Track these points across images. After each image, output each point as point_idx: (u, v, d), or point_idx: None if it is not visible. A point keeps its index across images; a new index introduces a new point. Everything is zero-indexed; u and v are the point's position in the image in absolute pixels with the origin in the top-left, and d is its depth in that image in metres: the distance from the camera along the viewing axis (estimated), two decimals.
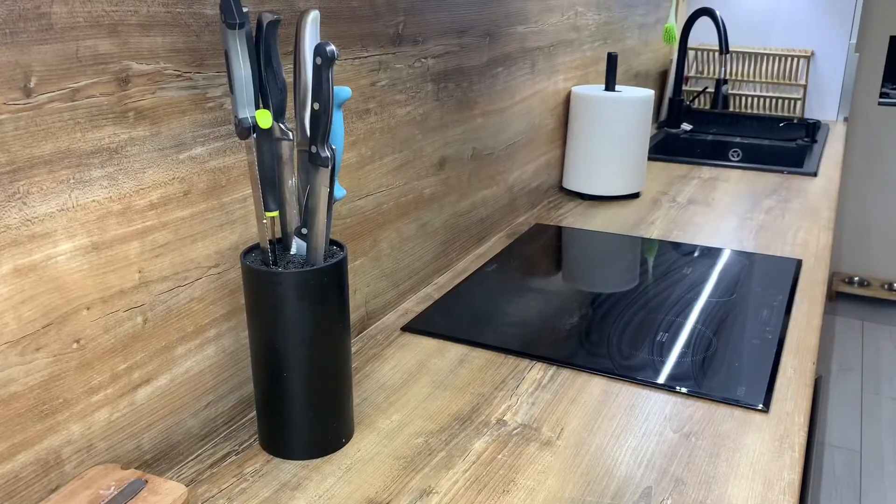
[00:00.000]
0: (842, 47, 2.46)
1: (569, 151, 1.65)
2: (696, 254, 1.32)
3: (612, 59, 1.61)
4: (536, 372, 0.93)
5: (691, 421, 0.83)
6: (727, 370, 0.93)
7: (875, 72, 3.10)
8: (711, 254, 1.32)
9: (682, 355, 0.96)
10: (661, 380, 0.90)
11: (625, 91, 1.62)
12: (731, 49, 2.49)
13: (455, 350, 0.98)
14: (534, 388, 0.89)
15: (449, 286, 1.18)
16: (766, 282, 1.20)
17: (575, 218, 1.54)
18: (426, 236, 1.16)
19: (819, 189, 1.75)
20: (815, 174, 1.85)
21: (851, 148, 3.22)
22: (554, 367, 0.94)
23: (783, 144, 2.16)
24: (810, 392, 0.90)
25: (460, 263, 1.28)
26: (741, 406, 0.85)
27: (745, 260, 1.29)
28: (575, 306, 1.11)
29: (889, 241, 3.25)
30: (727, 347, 0.99)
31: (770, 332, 1.03)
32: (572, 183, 1.66)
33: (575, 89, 1.62)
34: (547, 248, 1.35)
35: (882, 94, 3.14)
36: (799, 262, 1.29)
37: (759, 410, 0.85)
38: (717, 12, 2.14)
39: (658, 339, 1.01)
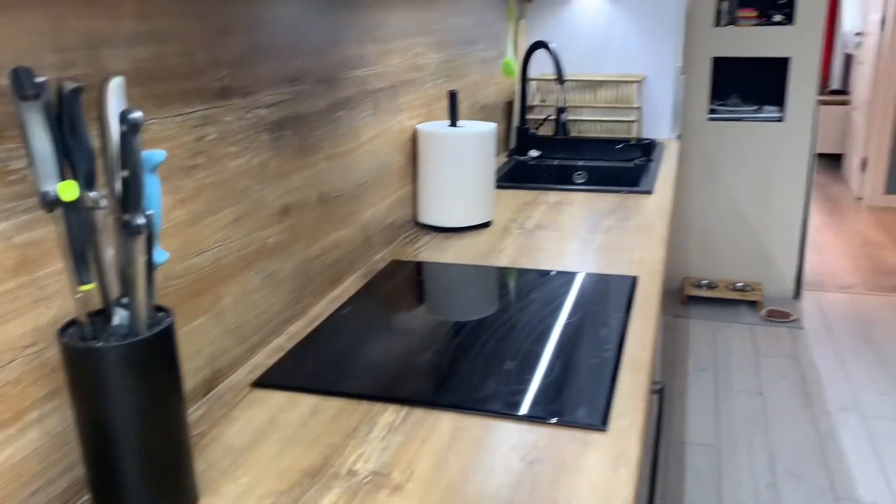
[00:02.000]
0: (670, 71, 2.66)
1: (420, 186, 1.69)
2: (542, 279, 1.38)
3: (453, 97, 1.67)
4: (389, 415, 0.94)
5: (536, 448, 0.86)
6: (569, 393, 0.97)
7: (702, 91, 3.37)
8: (556, 277, 1.39)
9: (528, 382, 1.00)
10: (508, 409, 0.93)
11: (468, 126, 1.68)
12: (569, 78, 2.63)
13: (307, 402, 0.97)
14: (385, 432, 0.90)
15: (302, 334, 1.17)
16: (605, 301, 1.27)
17: (430, 251, 1.57)
18: (274, 286, 1.15)
19: (654, 206, 1.87)
20: (650, 192, 1.98)
21: (689, 162, 3.48)
22: (406, 408, 0.95)
23: (622, 165, 2.30)
24: (645, 406, 0.96)
25: (314, 309, 1.27)
26: (581, 428, 0.90)
27: (587, 281, 1.37)
28: (429, 342, 1.13)
29: (730, 244, 3.52)
30: (569, 370, 1.03)
31: (608, 350, 1.09)
32: (426, 217, 1.69)
33: (420, 127, 1.66)
34: (403, 284, 1.37)
35: (710, 111, 3.41)
36: (635, 279, 1.37)
37: (598, 430, 0.89)
38: (552, 45, 2.26)
39: (506, 367, 1.04)
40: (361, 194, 1.43)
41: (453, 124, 1.69)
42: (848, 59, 6.67)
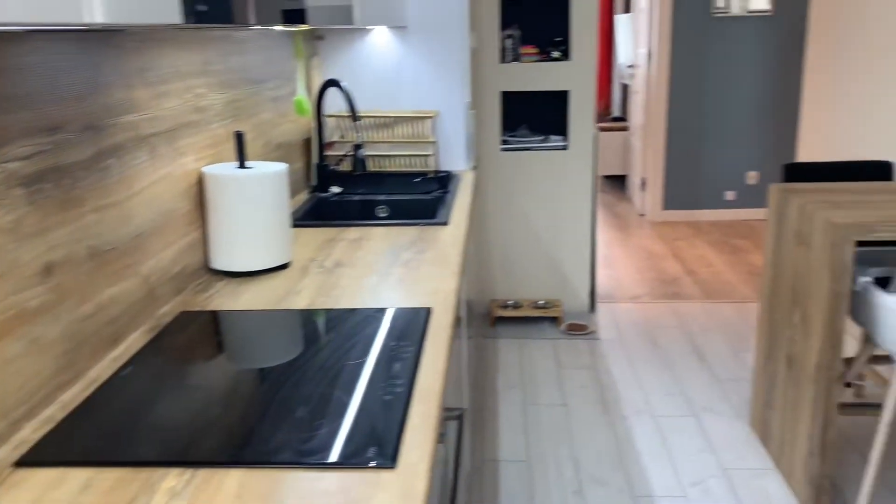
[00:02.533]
0: (460, 106, 2.79)
1: (210, 231, 1.63)
2: (339, 318, 1.38)
3: (239, 137, 1.63)
4: (171, 480, 0.89)
5: (326, 495, 0.85)
6: (360, 434, 0.98)
7: (494, 123, 3.56)
8: (353, 315, 1.39)
9: (319, 427, 0.99)
10: (297, 458, 0.92)
11: (258, 166, 1.65)
12: (365, 114, 2.68)
13: (78, 477, 0.90)
14: (167, 499, 0.85)
15: (77, 401, 1.08)
16: (400, 335, 1.29)
17: (224, 298, 1.51)
18: (40, 352, 1.05)
19: (450, 236, 1.94)
20: (446, 223, 2.05)
21: (486, 191, 3.65)
22: (191, 471, 0.91)
23: (422, 198, 2.36)
24: (434, 437, 0.99)
25: (91, 372, 1.18)
26: (371, 468, 0.90)
27: (382, 317, 1.38)
28: (219, 396, 1.08)
29: (530, 265, 3.73)
30: (361, 410, 1.04)
31: (401, 385, 1.11)
32: (218, 262, 1.63)
33: (206, 170, 1.61)
34: (193, 336, 1.31)
35: (503, 142, 3.61)
36: (429, 311, 1.41)
37: (388, 468, 0.90)
38: (344, 83, 2.29)
39: (298, 414, 1.03)
40: (140, 245, 1.36)
41: (242, 165, 1.65)
42: (625, 89, 7.36)
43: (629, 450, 2.52)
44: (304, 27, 1.95)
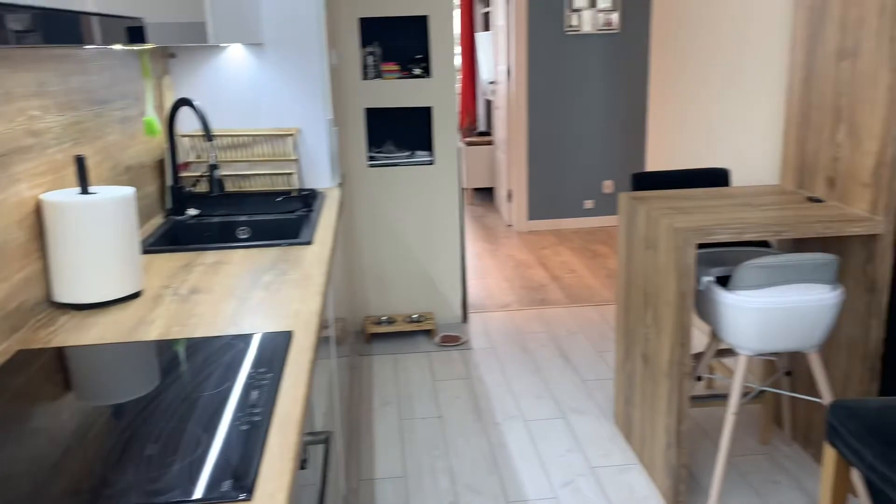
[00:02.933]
0: (322, 123, 2.77)
1: (52, 262, 1.53)
2: (195, 347, 1.33)
3: (80, 162, 1.55)
4: None
5: None
6: (216, 467, 0.94)
7: (360, 139, 3.56)
8: (210, 344, 1.35)
9: (171, 465, 0.95)
10: (148, 500, 0.87)
11: (102, 192, 1.57)
12: (222, 133, 2.60)
13: None
14: None
15: None
16: (259, 362, 1.26)
17: (69, 333, 1.42)
18: None
19: (314, 256, 1.92)
20: (310, 242, 2.02)
21: (355, 207, 3.64)
22: None
23: (284, 217, 2.32)
24: (294, 465, 0.97)
25: None
26: (225, 502, 0.87)
27: (242, 343, 1.35)
28: (62, 439, 1.01)
29: (402, 279, 3.74)
30: (217, 442, 1.00)
31: (259, 413, 1.08)
32: (62, 295, 1.53)
33: (44, 197, 1.51)
34: (33, 376, 1.22)
35: (369, 158, 3.61)
36: (290, 334, 1.39)
37: (244, 501, 0.88)
38: (197, 102, 2.22)
39: (147, 452, 0.98)
40: None
41: (84, 191, 1.56)
42: (489, 105, 7.56)
43: (502, 455, 2.58)
44: (147, 46, 1.87)
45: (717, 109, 3.30)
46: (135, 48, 2.22)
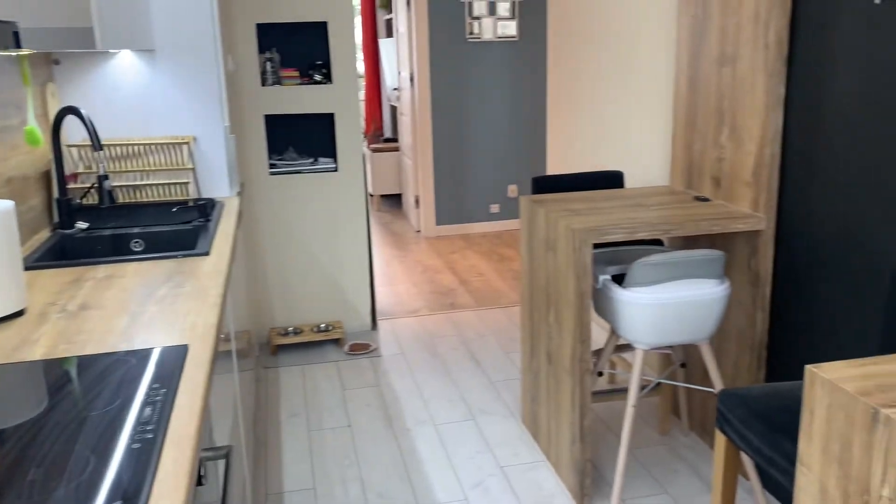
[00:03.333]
0: (220, 130, 2.70)
1: None
2: (84, 366, 1.27)
3: None
4: None
5: None
6: (104, 488, 0.91)
7: (261, 147, 3.50)
8: (100, 361, 1.29)
9: (55, 490, 0.91)
10: None
11: None
12: (115, 142, 2.50)
13: None
14: None
15: None
16: (152, 378, 1.22)
17: None
18: None
19: (211, 268, 1.87)
20: (207, 253, 1.97)
21: (258, 216, 3.57)
22: None
23: (180, 228, 2.25)
24: (188, 482, 0.94)
25: None
26: None
27: (135, 359, 1.30)
28: None
29: (309, 289, 3.70)
30: (107, 463, 0.96)
31: (152, 430, 1.05)
32: None
33: None
34: None
35: (271, 166, 3.55)
36: (186, 348, 1.35)
37: None
38: (84, 111, 2.13)
39: (29, 478, 0.93)
40: None
41: None
42: (394, 111, 7.58)
43: (413, 461, 2.58)
44: (25, 51, 1.78)
45: (610, 114, 3.43)
46: (11, 53, 2.11)
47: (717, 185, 2.45)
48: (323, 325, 3.65)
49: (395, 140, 7.24)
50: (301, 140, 3.70)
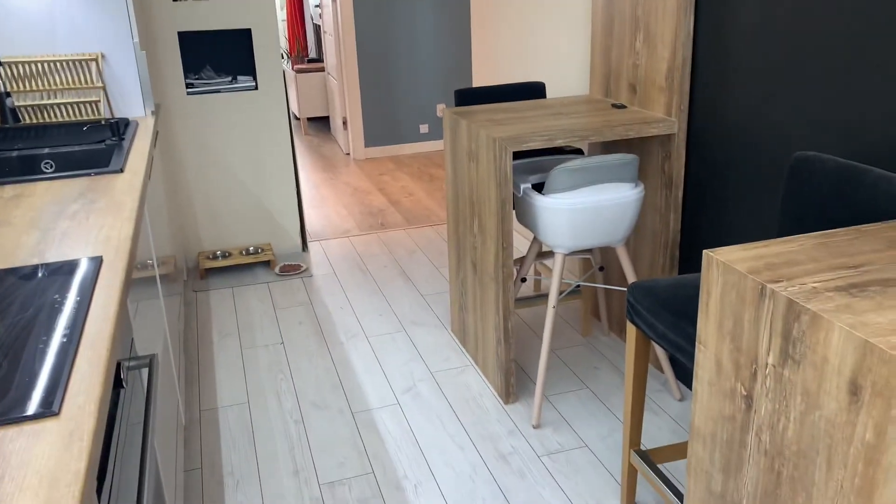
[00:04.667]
0: (128, 47, 2.59)
1: None
2: None
3: None
4: None
5: None
6: (19, 389, 0.91)
7: (175, 66, 3.37)
8: (11, 275, 1.27)
9: None
10: None
11: None
12: (16, 59, 2.38)
13: None
14: None
15: None
16: (67, 287, 1.21)
17: None
18: None
19: (125, 184, 1.83)
20: (121, 170, 1.93)
21: (176, 138, 3.47)
22: None
23: (93, 147, 2.18)
24: (104, 380, 0.96)
25: None
26: (31, 419, 0.86)
27: (46, 271, 1.28)
28: None
29: (236, 212, 3.65)
30: (21, 366, 0.97)
31: (67, 335, 1.05)
32: None
33: None
34: None
35: (188, 85, 3.43)
36: (100, 259, 1.34)
37: (50, 416, 0.86)
38: None
39: None
40: None
41: None
42: (318, 30, 7.35)
43: (346, 372, 2.65)
44: None
45: (532, 25, 3.42)
46: None
47: (634, 92, 2.50)
48: (252, 248, 3.63)
49: (320, 60, 7.05)
50: (218, 58, 3.58)
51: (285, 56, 7.80)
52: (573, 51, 3.07)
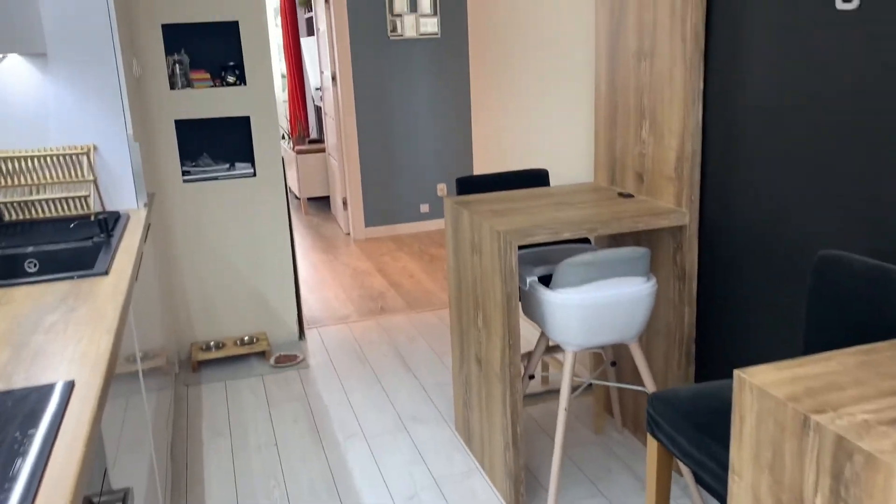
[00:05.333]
0: (122, 138, 2.54)
1: None
2: None
3: None
4: None
5: None
6: None
7: (172, 154, 3.32)
8: None
9: None
10: None
11: None
12: (4, 155, 2.32)
13: None
14: None
15: None
16: (31, 422, 1.09)
17: None
18: None
19: (110, 288, 1.73)
20: (106, 272, 1.83)
21: (171, 227, 3.39)
22: None
23: (80, 245, 2.09)
24: None
25: None
26: None
27: (11, 401, 1.16)
28: None
29: (230, 301, 3.54)
30: None
31: (26, 486, 0.92)
32: None
33: None
34: None
35: (184, 173, 3.38)
36: (71, 384, 1.22)
37: None
38: None
39: None
40: None
41: None
42: (319, 111, 7.41)
43: (343, 476, 2.48)
44: None
45: (534, 111, 3.39)
46: None
47: (641, 181, 2.43)
48: (247, 338, 3.50)
49: (321, 141, 7.08)
50: (216, 145, 3.54)
51: (286, 136, 7.84)
52: (576, 137, 3.02)
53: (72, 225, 2.21)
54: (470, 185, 2.76)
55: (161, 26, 3.18)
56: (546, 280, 2.29)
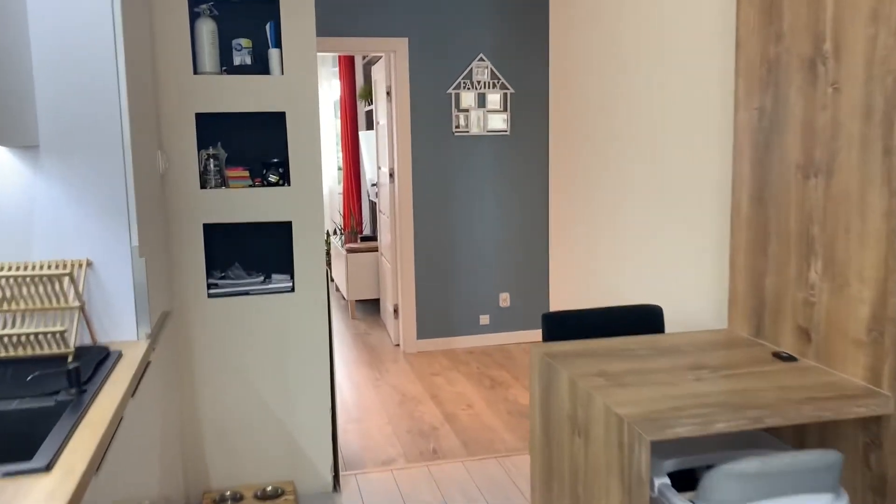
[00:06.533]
0: (124, 252, 2.01)
1: None
2: None
3: None
4: None
5: None
6: None
7: (197, 264, 2.79)
8: None
9: None
10: None
11: None
12: None
13: None
14: None
15: None
16: None
17: None
18: None
19: (44, 496, 1.13)
20: (46, 468, 1.23)
21: (190, 349, 2.82)
22: None
23: (33, 408, 1.52)
24: None
25: None
26: None
27: None
28: None
29: (253, 441, 2.92)
30: None
31: None
32: None
33: None
34: None
35: (210, 286, 2.84)
36: None
37: None
38: None
39: None
40: None
41: None
42: (374, 207, 6.97)
43: None
44: None
45: (639, 228, 2.78)
46: None
47: (807, 339, 1.77)
48: (269, 489, 2.86)
49: (374, 238, 6.58)
50: (251, 253, 3.01)
51: (339, 231, 7.39)
52: (700, 268, 2.38)
53: (29, 378, 1.64)
54: (562, 325, 2.13)
55: (194, 115, 2.71)
56: (681, 477, 1.62)
